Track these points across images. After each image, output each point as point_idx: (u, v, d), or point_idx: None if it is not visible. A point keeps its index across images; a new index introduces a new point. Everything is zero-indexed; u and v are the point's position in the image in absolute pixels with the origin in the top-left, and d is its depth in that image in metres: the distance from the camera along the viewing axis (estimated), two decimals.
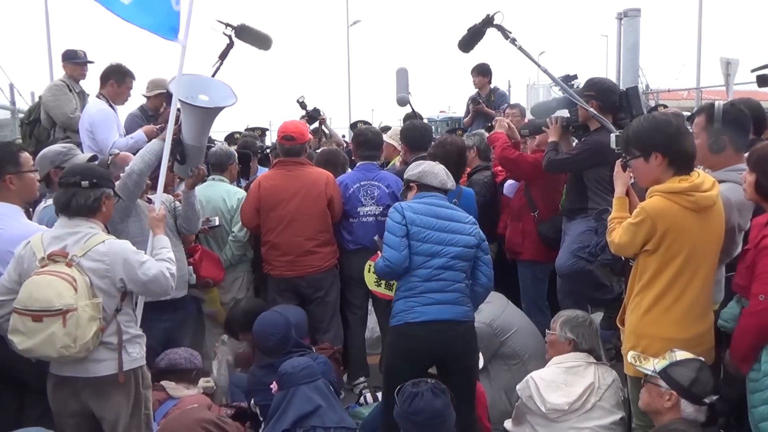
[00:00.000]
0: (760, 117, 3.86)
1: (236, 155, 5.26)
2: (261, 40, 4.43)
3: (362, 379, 4.84)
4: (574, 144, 4.68)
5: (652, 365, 2.88)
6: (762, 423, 2.82)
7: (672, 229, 2.85)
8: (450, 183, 3.68)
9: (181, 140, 3.90)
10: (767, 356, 2.79)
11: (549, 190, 4.85)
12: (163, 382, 3.68)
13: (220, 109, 3.87)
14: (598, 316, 4.31)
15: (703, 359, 2.83)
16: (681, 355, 2.85)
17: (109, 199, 3.16)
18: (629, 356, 3.01)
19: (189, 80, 3.85)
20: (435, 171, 3.65)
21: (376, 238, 3.68)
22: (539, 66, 4.37)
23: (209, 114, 3.88)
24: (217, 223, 4.63)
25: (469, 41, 4.40)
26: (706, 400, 2.81)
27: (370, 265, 3.83)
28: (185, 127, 3.87)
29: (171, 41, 3.55)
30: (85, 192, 3.04)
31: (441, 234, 3.46)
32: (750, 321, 2.81)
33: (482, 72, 8.00)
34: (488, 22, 4.25)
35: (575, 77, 4.49)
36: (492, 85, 8.10)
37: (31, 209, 3.98)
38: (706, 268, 2.97)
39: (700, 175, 2.94)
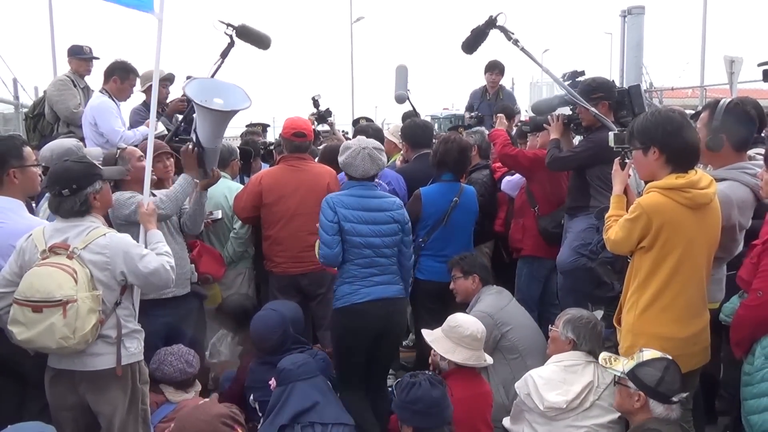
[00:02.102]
0: (760, 115, 3.86)
1: (237, 151, 5.27)
2: (260, 41, 4.58)
3: None
4: (575, 142, 4.68)
5: (621, 366, 2.88)
6: (751, 416, 2.84)
7: (667, 224, 2.84)
8: (373, 170, 3.85)
9: (200, 144, 3.93)
10: (761, 351, 2.82)
11: (549, 186, 4.85)
12: (161, 385, 3.67)
13: (235, 112, 3.93)
14: (598, 314, 4.30)
15: (670, 357, 2.82)
16: (648, 354, 2.84)
17: (98, 192, 3.10)
18: (600, 357, 3.04)
19: (204, 84, 3.91)
20: (356, 163, 3.81)
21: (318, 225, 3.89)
22: (542, 67, 4.38)
23: (224, 117, 3.94)
24: (219, 216, 4.64)
25: (472, 43, 4.40)
26: (675, 399, 2.79)
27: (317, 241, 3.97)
28: (201, 131, 3.92)
29: (146, 13, 3.44)
30: (70, 199, 3.02)
31: (371, 226, 3.78)
32: (745, 314, 2.88)
33: (503, 71, 7.92)
34: (491, 23, 4.26)
35: (583, 73, 4.50)
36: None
37: (34, 204, 4.00)
38: (702, 266, 2.96)
39: (698, 173, 2.93)
